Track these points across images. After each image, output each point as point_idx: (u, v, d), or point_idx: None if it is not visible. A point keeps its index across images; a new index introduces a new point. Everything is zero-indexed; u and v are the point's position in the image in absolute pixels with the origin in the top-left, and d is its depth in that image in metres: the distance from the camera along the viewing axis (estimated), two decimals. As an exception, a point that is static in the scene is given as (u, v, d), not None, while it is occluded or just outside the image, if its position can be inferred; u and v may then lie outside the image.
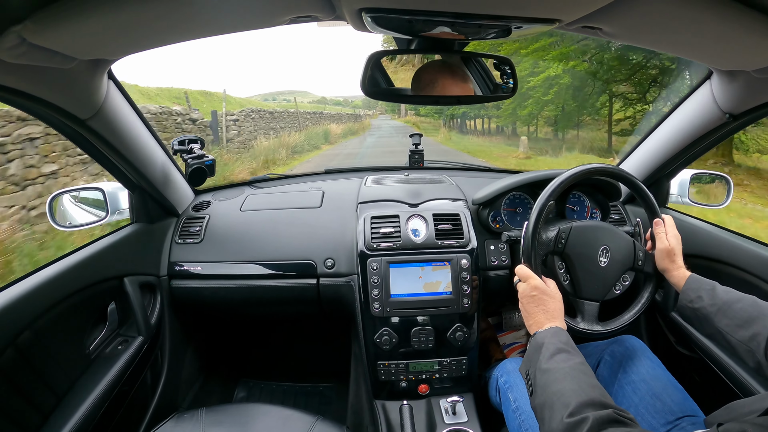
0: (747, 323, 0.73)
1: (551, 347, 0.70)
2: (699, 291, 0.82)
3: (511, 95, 0.89)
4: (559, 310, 0.80)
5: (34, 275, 0.87)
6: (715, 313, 0.78)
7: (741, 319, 0.74)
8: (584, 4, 0.57)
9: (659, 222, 0.94)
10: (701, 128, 1.04)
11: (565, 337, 0.72)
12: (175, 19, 0.63)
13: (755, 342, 0.71)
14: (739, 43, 0.67)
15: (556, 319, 0.77)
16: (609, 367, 0.98)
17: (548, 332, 0.74)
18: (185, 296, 1.26)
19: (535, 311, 0.79)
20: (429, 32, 0.71)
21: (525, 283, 0.83)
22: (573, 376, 0.63)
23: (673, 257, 0.90)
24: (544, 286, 0.81)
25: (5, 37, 0.54)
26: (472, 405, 1.12)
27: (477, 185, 1.35)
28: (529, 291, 0.81)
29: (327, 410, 1.58)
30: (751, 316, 0.74)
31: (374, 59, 0.81)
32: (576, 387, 0.61)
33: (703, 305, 0.81)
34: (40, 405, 0.84)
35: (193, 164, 1.21)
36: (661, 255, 0.92)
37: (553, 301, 0.80)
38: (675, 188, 1.31)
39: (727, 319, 0.77)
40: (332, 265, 1.21)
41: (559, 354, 0.68)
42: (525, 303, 0.82)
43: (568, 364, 0.66)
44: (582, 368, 0.65)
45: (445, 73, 0.85)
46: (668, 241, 0.91)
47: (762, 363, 0.70)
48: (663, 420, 0.83)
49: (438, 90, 0.84)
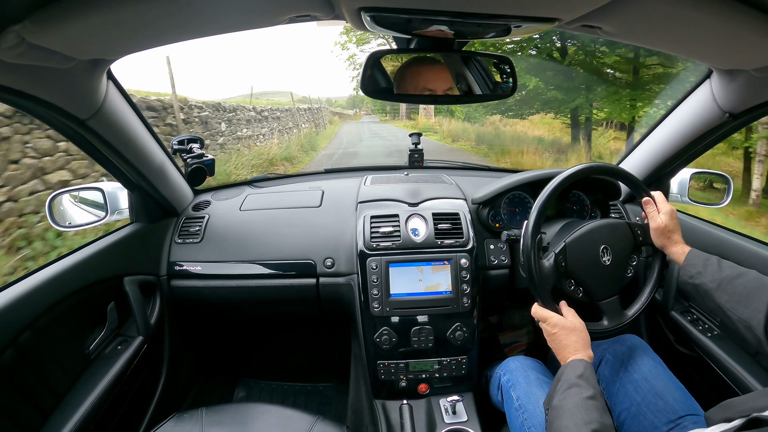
0: (747, 299, 0.73)
1: (565, 383, 0.73)
2: (699, 266, 0.82)
3: (510, 94, 0.89)
4: (584, 339, 0.81)
5: (34, 275, 0.87)
6: (715, 289, 0.78)
7: (741, 295, 0.74)
8: (584, 3, 0.57)
9: (648, 200, 0.94)
10: (701, 127, 1.04)
11: (581, 370, 0.74)
12: (175, 19, 0.63)
13: (756, 319, 0.71)
14: (739, 42, 0.67)
15: (580, 351, 0.79)
16: (611, 366, 0.98)
17: (568, 366, 0.77)
18: (185, 296, 1.26)
19: (560, 348, 0.81)
20: (428, 31, 0.71)
21: (545, 324, 0.85)
22: (573, 413, 0.66)
23: (668, 234, 0.90)
24: (563, 321, 0.83)
25: (4, 36, 0.54)
26: (472, 404, 1.12)
27: (477, 185, 1.35)
28: (550, 330, 0.83)
29: (327, 410, 1.58)
30: (752, 291, 0.73)
31: (374, 59, 0.81)
32: (571, 425, 0.65)
33: (703, 281, 0.80)
34: (40, 405, 0.84)
35: (192, 164, 1.20)
36: (656, 234, 0.92)
37: (576, 332, 0.81)
38: (675, 187, 1.31)
39: (727, 295, 0.76)
40: (332, 265, 1.21)
41: (570, 389, 0.71)
42: (550, 342, 0.84)
43: (572, 401, 0.68)
44: (585, 404, 0.67)
45: (417, 68, 0.85)
46: (661, 219, 0.91)
47: (762, 340, 0.70)
48: (665, 419, 0.84)
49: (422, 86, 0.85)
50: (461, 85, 0.89)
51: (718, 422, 0.59)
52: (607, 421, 0.65)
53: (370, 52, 0.80)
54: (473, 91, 0.89)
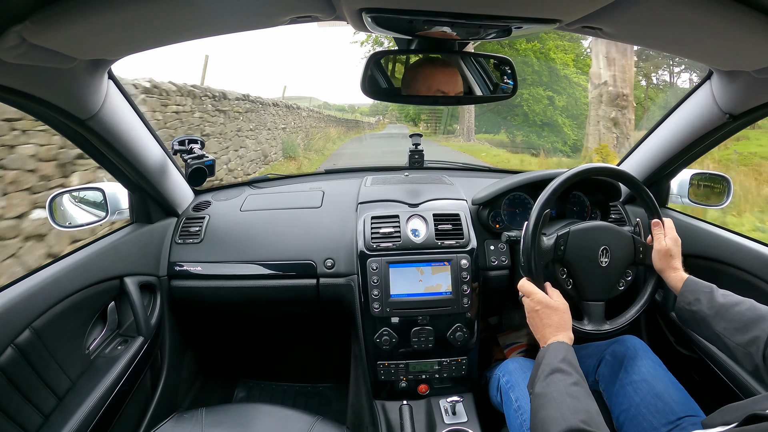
0: (746, 327, 0.73)
1: (547, 368, 0.71)
2: (697, 293, 0.82)
3: (511, 95, 0.89)
4: (566, 321, 0.80)
5: (34, 275, 0.87)
6: (713, 316, 0.78)
7: (739, 323, 0.74)
8: (584, 4, 0.57)
9: (658, 223, 0.94)
10: (701, 128, 1.04)
11: (563, 353, 0.73)
12: (176, 19, 0.63)
13: (754, 346, 0.71)
14: (739, 43, 0.67)
15: (561, 332, 0.78)
16: (610, 366, 0.98)
17: (549, 348, 0.75)
18: (185, 296, 1.26)
19: (541, 326, 0.80)
20: (429, 32, 0.71)
21: (529, 299, 0.84)
22: (559, 401, 0.65)
23: (669, 259, 0.90)
24: (547, 299, 0.82)
25: (5, 37, 0.54)
26: (472, 405, 1.12)
27: (477, 185, 1.35)
28: (533, 306, 0.82)
29: (327, 410, 1.58)
30: (750, 319, 0.74)
31: (374, 60, 0.81)
32: (558, 415, 0.63)
33: (701, 308, 0.81)
34: (40, 405, 0.84)
35: (193, 164, 1.21)
36: (657, 255, 0.92)
37: (558, 313, 0.80)
38: (675, 188, 1.31)
39: (725, 323, 0.76)
40: (332, 265, 1.21)
41: (553, 375, 0.69)
42: (531, 318, 0.82)
43: (557, 388, 0.67)
44: (570, 390, 0.66)
45: (432, 69, 0.85)
46: (665, 243, 0.91)
47: (760, 366, 0.70)
48: (664, 420, 0.84)
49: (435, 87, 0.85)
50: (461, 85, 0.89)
51: (716, 426, 0.59)
52: (593, 407, 0.64)
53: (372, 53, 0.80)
54: (474, 92, 0.90)
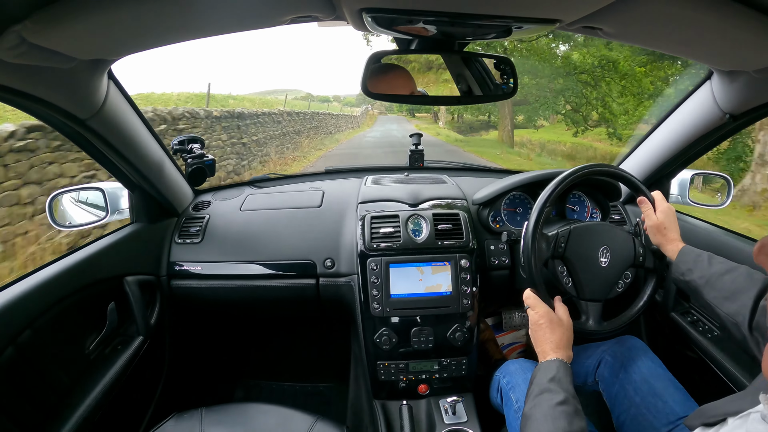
0: (734, 295, 0.73)
1: (536, 388, 0.71)
2: (690, 263, 0.82)
3: (511, 95, 0.89)
4: (567, 339, 0.80)
5: (34, 275, 0.87)
6: (703, 286, 0.78)
7: (728, 291, 0.74)
8: (584, 4, 0.57)
9: (643, 200, 0.94)
10: (701, 128, 1.04)
11: (553, 372, 0.73)
12: (176, 19, 0.63)
13: (741, 315, 0.70)
14: (739, 43, 0.67)
15: (560, 350, 0.77)
16: (610, 367, 0.98)
17: (540, 368, 0.75)
18: (185, 296, 1.26)
19: (542, 341, 0.80)
20: (429, 32, 0.71)
21: (534, 311, 0.83)
22: (540, 423, 0.66)
23: (664, 231, 0.89)
24: (551, 314, 0.82)
25: (5, 36, 0.54)
26: (472, 405, 1.12)
27: (477, 185, 1.35)
28: (537, 320, 0.82)
29: (327, 410, 1.58)
30: (739, 288, 0.73)
31: (374, 59, 0.81)
32: None
33: (693, 278, 0.80)
34: (40, 405, 0.84)
35: (193, 164, 1.21)
36: (652, 231, 0.92)
37: (560, 328, 0.80)
38: (675, 188, 1.31)
39: (714, 292, 0.76)
40: (332, 265, 1.21)
41: (542, 395, 0.69)
42: (533, 331, 0.82)
43: (541, 410, 0.67)
44: (553, 412, 0.66)
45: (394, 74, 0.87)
46: (656, 217, 0.91)
47: (747, 337, 0.69)
48: (665, 420, 0.84)
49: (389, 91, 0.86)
50: (461, 85, 0.90)
51: (697, 427, 0.59)
52: (576, 427, 0.64)
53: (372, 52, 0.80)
54: (473, 92, 0.90)
